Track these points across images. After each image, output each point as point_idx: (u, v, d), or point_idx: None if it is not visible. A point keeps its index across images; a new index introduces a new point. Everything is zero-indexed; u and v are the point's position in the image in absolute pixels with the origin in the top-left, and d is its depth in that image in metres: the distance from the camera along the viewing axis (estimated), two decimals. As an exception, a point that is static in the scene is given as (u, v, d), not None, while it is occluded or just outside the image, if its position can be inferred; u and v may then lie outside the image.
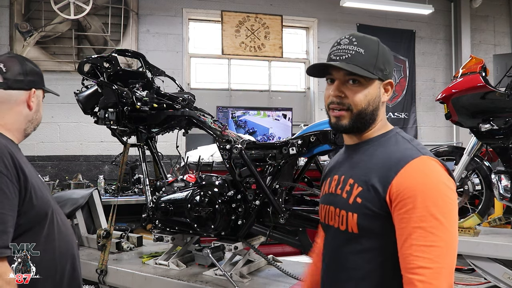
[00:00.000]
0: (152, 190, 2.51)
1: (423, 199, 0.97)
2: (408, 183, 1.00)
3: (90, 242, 2.81)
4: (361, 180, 1.09)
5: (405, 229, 0.98)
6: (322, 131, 1.96)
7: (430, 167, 1.03)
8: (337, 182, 1.18)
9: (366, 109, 1.12)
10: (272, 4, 6.04)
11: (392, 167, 1.04)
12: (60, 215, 1.55)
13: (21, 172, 1.37)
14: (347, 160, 1.20)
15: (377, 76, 1.12)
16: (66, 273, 1.50)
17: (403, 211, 0.99)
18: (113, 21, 5.32)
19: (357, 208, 1.08)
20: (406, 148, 1.08)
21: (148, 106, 2.41)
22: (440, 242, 0.96)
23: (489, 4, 6.89)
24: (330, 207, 1.18)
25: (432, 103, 6.58)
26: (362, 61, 1.11)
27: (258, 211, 2.09)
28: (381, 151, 1.11)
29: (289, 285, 2.07)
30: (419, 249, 0.95)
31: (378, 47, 1.14)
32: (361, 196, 1.08)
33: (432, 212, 0.96)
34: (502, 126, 2.63)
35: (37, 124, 1.60)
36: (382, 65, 1.13)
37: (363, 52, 1.11)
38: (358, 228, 1.08)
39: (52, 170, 5.09)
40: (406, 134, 1.17)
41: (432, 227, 0.96)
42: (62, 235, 1.51)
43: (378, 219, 1.05)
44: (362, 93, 1.12)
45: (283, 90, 6.22)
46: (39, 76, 1.59)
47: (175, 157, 3.89)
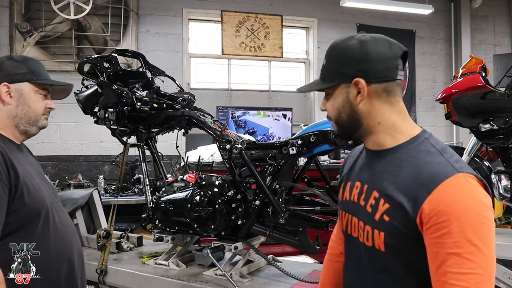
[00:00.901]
0: (152, 190, 2.51)
1: (459, 224, 0.89)
2: (442, 205, 0.91)
3: (90, 242, 2.81)
4: (387, 195, 1.02)
5: (439, 254, 0.91)
6: (322, 131, 1.96)
7: (467, 187, 0.93)
8: (360, 191, 1.11)
9: (338, 117, 1.11)
10: (272, 4, 6.04)
11: (423, 185, 0.95)
12: (60, 214, 1.55)
13: (12, 170, 1.37)
14: (369, 166, 1.12)
15: (334, 82, 1.08)
16: (63, 273, 1.49)
17: (437, 236, 0.91)
18: (113, 21, 5.32)
19: (384, 226, 1.01)
20: (439, 163, 0.97)
21: (148, 106, 2.41)
22: (477, 269, 0.88)
23: (489, 4, 6.89)
24: (353, 218, 1.13)
25: (432, 103, 6.58)
26: (326, 73, 1.11)
27: (258, 211, 2.09)
28: (409, 162, 1.01)
29: (289, 285, 2.07)
30: (454, 277, 0.89)
31: (336, 51, 1.09)
32: (388, 214, 1.00)
33: (469, 238, 0.89)
34: (502, 126, 2.62)
35: (28, 119, 1.54)
36: (343, 67, 1.06)
37: (325, 63, 1.11)
38: (385, 247, 1.01)
39: (52, 170, 5.09)
40: (436, 140, 1.05)
41: (468, 253, 0.88)
42: (59, 235, 1.50)
43: (407, 239, 0.98)
44: (330, 103, 1.13)
45: (283, 90, 6.22)
46: (22, 69, 1.54)
47: (175, 157, 3.89)
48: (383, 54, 1.05)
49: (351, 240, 1.14)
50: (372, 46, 1.05)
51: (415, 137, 1.05)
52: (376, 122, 1.07)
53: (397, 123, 1.07)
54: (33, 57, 1.74)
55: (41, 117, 1.58)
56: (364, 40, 1.07)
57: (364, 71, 1.04)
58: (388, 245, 1.01)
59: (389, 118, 1.07)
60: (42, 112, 1.58)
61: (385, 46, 1.07)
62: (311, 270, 2.28)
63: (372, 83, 1.04)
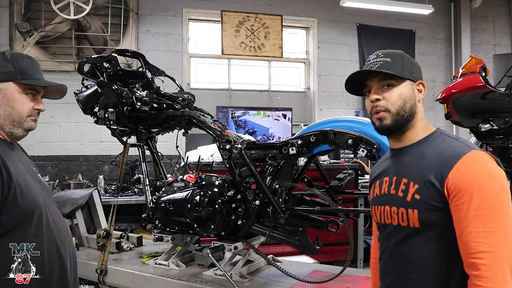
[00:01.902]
0: (152, 190, 2.51)
1: (479, 190, 1.07)
2: (463, 176, 1.10)
3: (90, 242, 2.81)
4: (416, 178, 1.19)
5: (464, 218, 1.08)
6: (322, 131, 1.96)
7: (482, 160, 1.12)
8: (389, 183, 1.27)
9: (403, 106, 1.24)
10: (272, 4, 6.04)
11: (446, 163, 1.13)
12: (53, 215, 1.53)
13: (5, 170, 1.35)
14: (396, 163, 1.29)
15: (407, 77, 1.26)
16: (55, 276, 1.48)
17: (461, 202, 1.09)
18: (113, 21, 5.32)
19: (416, 204, 1.17)
20: (456, 146, 1.17)
21: (148, 106, 2.41)
22: (497, 227, 1.05)
23: (489, 4, 6.89)
24: (385, 207, 1.27)
25: (432, 103, 6.55)
26: (391, 67, 1.25)
27: (258, 211, 2.09)
28: (431, 150, 1.20)
29: (289, 285, 2.07)
30: (478, 235, 1.05)
31: (402, 56, 1.29)
32: (419, 192, 1.17)
33: (488, 201, 1.06)
34: (502, 126, 2.62)
35: (12, 120, 1.47)
36: (410, 69, 1.27)
37: (390, 61, 1.26)
38: (420, 222, 1.16)
39: (52, 170, 5.09)
40: (451, 133, 1.26)
41: (489, 214, 1.06)
42: (52, 236, 1.48)
43: (438, 212, 1.14)
44: (396, 93, 1.25)
45: (283, 90, 6.22)
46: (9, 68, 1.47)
47: (175, 157, 3.89)
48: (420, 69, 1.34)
49: (386, 227, 1.28)
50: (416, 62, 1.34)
51: (433, 133, 1.26)
52: (420, 119, 1.27)
53: (428, 123, 1.29)
54: (30, 56, 1.66)
55: (26, 118, 1.49)
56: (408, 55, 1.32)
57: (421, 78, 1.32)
58: (422, 220, 1.16)
59: (424, 117, 1.29)
60: (27, 113, 1.49)
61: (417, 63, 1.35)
62: (311, 270, 2.28)
63: None
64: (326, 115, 5.78)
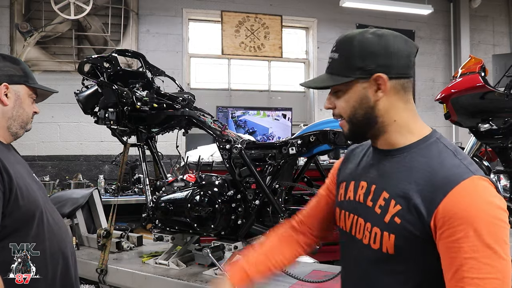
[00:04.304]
0: (152, 189, 2.52)
1: (476, 228, 0.87)
2: (458, 209, 0.89)
3: (90, 241, 2.81)
4: (398, 196, 0.97)
5: (455, 259, 0.88)
6: (321, 131, 1.96)
7: (482, 190, 0.91)
8: (366, 191, 1.07)
9: (354, 114, 1.04)
10: (272, 4, 6.04)
11: (438, 188, 0.92)
12: (53, 214, 1.54)
13: (5, 173, 1.36)
14: (377, 166, 1.07)
15: (352, 77, 1.01)
16: (59, 273, 1.49)
17: (452, 240, 0.89)
18: (113, 21, 5.32)
19: (395, 228, 0.97)
20: (454, 165, 0.94)
21: (148, 106, 2.42)
22: (496, 273, 0.86)
23: (488, 4, 6.89)
24: (359, 219, 1.08)
25: (431, 103, 6.58)
26: (337, 67, 1.04)
27: (258, 210, 2.09)
28: (422, 163, 0.97)
29: (289, 285, 2.07)
30: (472, 282, 0.86)
31: (352, 44, 1.01)
32: (400, 216, 0.96)
33: (486, 241, 0.86)
34: (501, 126, 2.63)
35: (22, 122, 1.55)
36: (361, 62, 1.00)
37: (337, 57, 1.04)
38: (395, 250, 0.98)
39: (52, 170, 5.09)
40: (448, 141, 1.02)
41: (486, 257, 0.86)
42: (53, 235, 1.49)
43: (418, 243, 0.95)
44: (341, 101, 1.05)
45: (283, 90, 6.22)
46: (19, 71, 1.55)
47: (175, 157, 3.89)
48: (402, 50, 1.01)
49: (354, 242, 1.09)
50: (391, 41, 1.01)
51: (426, 137, 1.02)
52: (392, 120, 1.03)
53: (410, 122, 1.04)
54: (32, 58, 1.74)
55: (30, 120, 1.60)
56: (381, 34, 1.01)
57: (385, 67, 0.99)
58: (398, 248, 0.97)
59: (404, 117, 1.03)
60: (31, 116, 1.60)
61: (402, 42, 1.03)
62: (311, 269, 2.29)
63: (391, 79, 1.00)
64: (326, 115, 5.78)
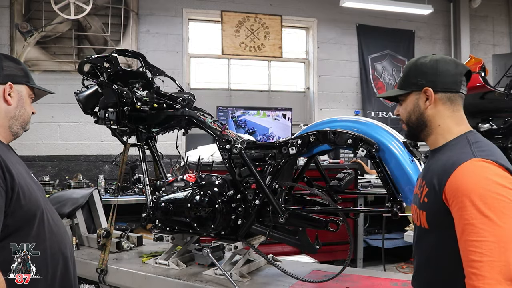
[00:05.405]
0: (152, 189, 2.52)
1: (471, 199, 1.08)
2: (457, 185, 1.12)
3: (90, 241, 2.81)
4: (428, 182, 1.25)
5: (459, 225, 1.10)
6: (321, 131, 1.96)
7: (480, 168, 1.12)
8: (420, 185, 1.34)
9: (409, 119, 1.36)
10: (272, 4, 6.04)
11: (447, 170, 1.17)
12: (52, 214, 1.54)
13: (8, 172, 1.36)
14: (428, 163, 1.38)
15: (408, 90, 1.34)
16: (58, 273, 1.49)
17: (456, 210, 1.11)
18: (113, 21, 5.32)
19: (425, 206, 1.25)
20: (463, 152, 1.19)
21: (148, 106, 2.42)
22: (490, 237, 1.04)
23: (488, 4, 6.89)
24: (414, 206, 1.36)
25: (431, 103, 6.58)
26: (400, 83, 1.37)
27: (258, 210, 2.09)
28: (446, 155, 1.24)
29: (289, 285, 2.07)
30: (471, 244, 1.06)
31: (410, 65, 1.36)
32: (427, 196, 1.24)
33: (481, 210, 1.06)
34: (501, 126, 2.64)
35: (23, 121, 1.56)
36: (414, 79, 1.32)
37: (402, 76, 1.39)
38: (428, 224, 1.24)
39: (52, 170, 5.09)
40: (475, 137, 1.26)
41: (481, 223, 1.05)
42: (53, 235, 1.50)
43: (441, 215, 1.17)
44: (403, 107, 1.38)
45: (283, 90, 6.23)
46: (20, 71, 1.56)
47: (175, 157, 3.90)
48: (449, 70, 1.30)
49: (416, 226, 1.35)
50: (441, 63, 1.31)
51: (460, 136, 1.28)
52: (437, 125, 1.32)
53: (453, 126, 1.31)
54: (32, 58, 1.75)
55: (29, 120, 1.61)
56: (435, 59, 1.32)
57: (432, 82, 1.30)
58: (429, 222, 1.23)
59: (447, 122, 1.31)
60: (30, 116, 1.61)
61: (452, 64, 1.31)
62: (310, 269, 2.29)
63: (438, 92, 1.30)
64: (325, 115, 5.78)
